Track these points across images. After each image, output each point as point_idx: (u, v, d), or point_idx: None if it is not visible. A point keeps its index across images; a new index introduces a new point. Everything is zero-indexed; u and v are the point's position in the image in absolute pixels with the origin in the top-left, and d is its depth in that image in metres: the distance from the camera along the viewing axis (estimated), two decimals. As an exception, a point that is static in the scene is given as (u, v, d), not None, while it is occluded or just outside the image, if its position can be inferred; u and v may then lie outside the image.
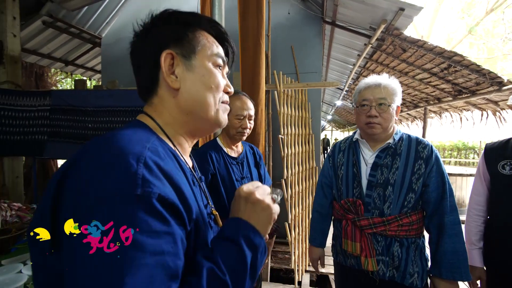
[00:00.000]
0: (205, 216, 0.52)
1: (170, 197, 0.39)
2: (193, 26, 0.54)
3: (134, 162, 0.37)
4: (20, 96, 3.07)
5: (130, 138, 0.41)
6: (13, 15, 3.12)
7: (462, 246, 1.08)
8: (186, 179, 0.49)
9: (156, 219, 0.36)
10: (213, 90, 0.53)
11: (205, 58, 0.53)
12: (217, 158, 1.30)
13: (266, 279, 2.67)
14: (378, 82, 1.18)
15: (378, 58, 3.71)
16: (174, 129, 0.54)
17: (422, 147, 1.15)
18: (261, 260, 0.49)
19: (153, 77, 0.52)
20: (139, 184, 0.36)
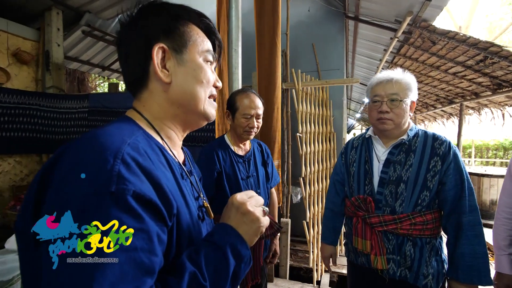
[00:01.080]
0: (193, 209, 0.53)
1: (147, 194, 0.39)
2: (183, 19, 0.53)
3: (111, 158, 0.37)
4: (63, 100, 3.40)
5: (111, 134, 0.41)
6: (57, 27, 3.47)
7: (483, 248, 1.02)
8: (173, 173, 0.50)
9: (130, 216, 0.36)
10: (204, 84, 0.54)
11: (196, 53, 0.53)
12: (223, 156, 1.31)
13: (284, 276, 2.68)
14: (390, 77, 1.15)
15: (406, 52, 3.52)
16: (164, 123, 0.54)
17: (439, 143, 1.10)
18: (244, 270, 0.50)
19: (143, 70, 0.51)
20: (114, 181, 0.36)
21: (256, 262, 1.33)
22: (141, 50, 0.50)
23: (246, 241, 0.50)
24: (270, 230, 1.35)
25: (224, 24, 1.93)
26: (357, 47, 4.15)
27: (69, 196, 0.35)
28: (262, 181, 1.41)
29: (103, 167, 0.36)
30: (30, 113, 3.20)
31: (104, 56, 4.89)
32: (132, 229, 0.36)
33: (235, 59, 1.95)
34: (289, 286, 2.54)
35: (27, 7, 3.35)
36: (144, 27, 0.51)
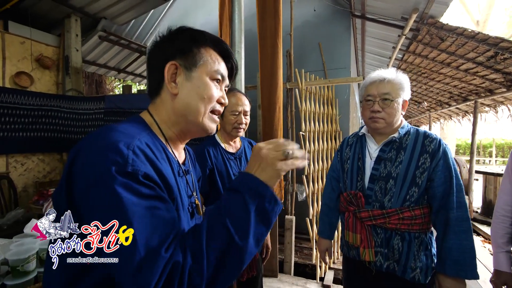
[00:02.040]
0: (185, 203, 0.61)
1: (153, 177, 0.49)
2: (199, 43, 0.62)
3: (125, 148, 0.47)
4: (81, 101, 3.61)
5: (123, 130, 0.51)
6: (76, 33, 3.69)
7: (470, 243, 1.04)
8: (172, 170, 0.58)
9: (145, 187, 0.47)
10: (205, 100, 0.61)
11: (204, 72, 0.61)
12: (214, 154, 1.36)
13: (289, 272, 2.74)
14: (382, 77, 1.18)
15: (415, 49, 3.46)
16: (168, 127, 0.63)
17: (429, 141, 1.13)
18: (271, 208, 0.52)
19: (159, 81, 0.61)
20: (130, 164, 0.46)
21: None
22: (160, 65, 0.61)
23: (264, 181, 0.53)
24: None
25: (226, 28, 2.01)
26: (366, 45, 4.12)
27: (98, 175, 0.45)
28: None
29: (122, 153, 0.46)
30: (51, 114, 3.43)
31: (119, 59, 5.11)
32: (150, 196, 0.47)
33: (238, 61, 2.02)
34: (293, 282, 2.59)
35: (49, 15, 3.59)
36: (166, 47, 0.62)
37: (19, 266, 0.98)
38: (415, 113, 8.03)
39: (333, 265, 2.81)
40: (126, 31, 4.52)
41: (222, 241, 0.47)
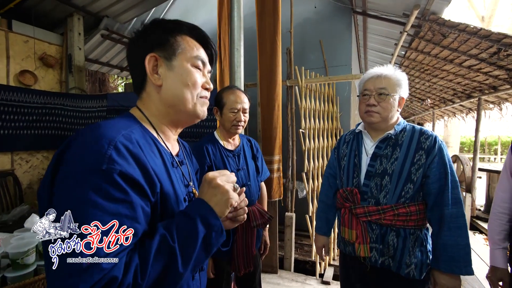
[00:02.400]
0: (179, 193, 0.61)
1: (131, 173, 0.48)
2: (174, 32, 0.62)
3: (106, 144, 0.47)
4: (84, 99, 3.64)
5: (111, 126, 0.51)
6: (78, 31, 3.73)
7: (465, 239, 1.05)
8: (163, 161, 0.59)
9: (116, 189, 0.46)
10: (190, 87, 0.62)
11: (185, 60, 0.62)
12: (213, 151, 1.37)
13: (289, 269, 2.76)
14: (379, 72, 1.19)
15: (417, 46, 3.43)
16: (158, 120, 0.63)
17: (425, 137, 1.13)
18: (216, 238, 0.55)
19: (142, 76, 0.62)
20: (105, 162, 0.45)
21: (249, 251, 1.40)
22: (140, 60, 0.61)
23: (216, 212, 0.55)
24: (261, 219, 1.43)
25: (225, 26, 2.02)
26: (368, 42, 4.09)
27: (73, 170, 0.46)
28: (252, 174, 1.48)
29: (99, 151, 0.46)
30: (55, 112, 3.47)
31: (122, 57, 5.14)
32: (118, 199, 0.46)
33: (237, 58, 2.03)
34: (293, 278, 2.61)
35: (52, 14, 3.62)
36: (143, 41, 0.62)
37: (19, 259, 1.01)
38: (419, 111, 7.96)
39: (333, 261, 2.82)
40: (128, 29, 4.54)
41: (166, 265, 0.48)
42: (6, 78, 3.19)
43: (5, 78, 3.19)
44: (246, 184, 1.42)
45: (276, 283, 2.53)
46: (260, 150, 1.62)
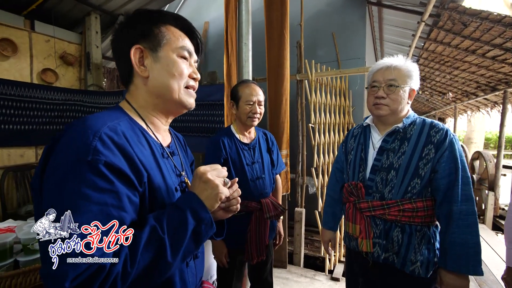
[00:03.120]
0: (169, 182, 0.62)
1: (116, 164, 0.49)
2: (158, 22, 0.62)
3: (91, 136, 0.48)
4: (101, 96, 3.78)
5: (97, 118, 0.52)
6: (96, 30, 3.86)
7: (475, 238, 1.00)
8: (152, 152, 0.60)
9: (102, 179, 0.47)
10: (177, 77, 0.62)
11: (170, 50, 0.62)
12: (229, 144, 1.40)
13: (298, 264, 2.75)
14: (389, 63, 1.15)
15: (436, 36, 3.26)
16: (147, 111, 0.64)
17: (435, 131, 1.08)
18: (206, 231, 0.55)
19: (129, 69, 0.62)
20: (91, 153, 0.47)
21: (262, 241, 1.44)
22: (126, 52, 0.61)
23: (206, 205, 0.56)
24: (274, 211, 1.45)
25: (232, 20, 2.01)
26: (384, 34, 3.95)
27: (60, 161, 0.48)
28: (267, 167, 1.50)
29: (85, 142, 0.48)
30: (75, 108, 3.63)
31: (137, 54, 5.27)
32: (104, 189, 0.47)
33: (245, 53, 2.03)
34: (302, 273, 2.61)
35: (71, 14, 3.77)
36: (127, 33, 0.62)
37: (29, 244, 1.06)
38: (440, 105, 7.60)
39: (343, 258, 2.78)
40: (143, 27, 4.64)
41: (155, 255, 0.49)
42: (30, 76, 3.37)
43: (29, 76, 3.36)
44: (260, 177, 1.46)
45: (285, 278, 2.54)
46: (276, 144, 1.64)
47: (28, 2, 3.31)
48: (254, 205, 1.42)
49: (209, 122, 2.49)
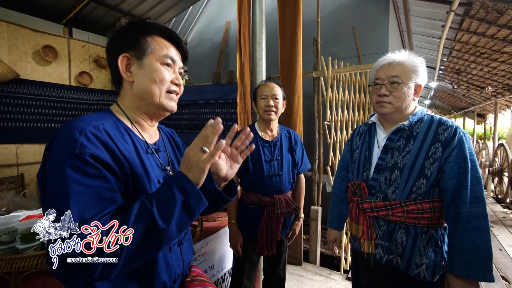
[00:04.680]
0: (152, 175, 0.68)
1: (100, 156, 0.56)
2: (145, 33, 0.69)
3: (77, 134, 0.56)
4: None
5: (84, 119, 0.60)
6: (125, 34, 4.12)
7: (485, 242, 0.94)
8: (135, 148, 0.67)
9: (90, 167, 0.55)
10: (158, 83, 0.68)
11: (154, 58, 0.68)
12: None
13: (314, 262, 2.74)
14: (392, 59, 1.12)
15: (469, 26, 3.01)
16: (133, 112, 0.72)
17: (443, 129, 1.03)
18: (195, 203, 0.58)
19: (118, 74, 0.69)
20: (78, 147, 0.54)
21: (273, 236, 1.49)
22: (115, 60, 0.69)
23: (192, 180, 0.59)
24: (286, 208, 1.49)
25: (245, 20, 2.05)
26: (411, 26, 3.74)
27: (55, 156, 0.56)
28: (286, 165, 1.54)
29: (73, 139, 0.56)
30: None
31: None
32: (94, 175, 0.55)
33: (258, 52, 2.06)
34: (317, 272, 2.59)
35: (103, 20, 4.06)
36: (117, 43, 0.70)
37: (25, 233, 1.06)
38: (479, 100, 6.97)
39: (361, 259, 2.72)
40: (168, 29, 4.85)
41: (147, 225, 0.54)
42: (68, 79, 3.70)
43: (68, 79, 3.69)
44: (278, 174, 1.50)
45: (299, 275, 2.54)
46: (301, 143, 1.66)
47: (67, 11, 3.64)
48: (267, 200, 1.48)
49: (227, 120, 2.57)
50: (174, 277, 0.74)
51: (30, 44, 3.24)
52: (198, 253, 1.57)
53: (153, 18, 4.37)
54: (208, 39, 4.94)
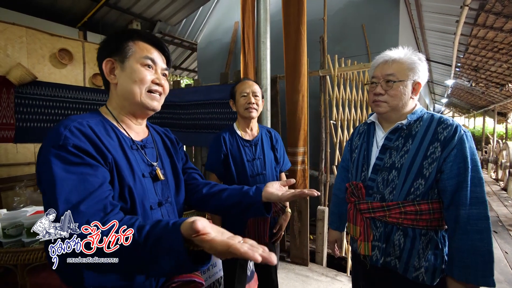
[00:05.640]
0: (136, 169, 0.72)
1: (83, 146, 0.61)
2: (126, 38, 0.74)
3: (62, 128, 0.62)
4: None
5: (72, 117, 0.66)
6: (137, 36, 4.24)
7: (486, 245, 0.91)
8: (120, 143, 0.71)
9: (74, 156, 0.60)
10: (138, 82, 0.73)
11: (134, 61, 0.73)
12: (230, 140, 1.46)
13: (321, 263, 2.72)
14: (388, 57, 1.10)
15: (485, 21, 2.88)
16: (118, 112, 0.77)
17: (443, 127, 1.00)
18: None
19: (105, 78, 0.76)
20: (62, 139, 0.60)
21: (260, 237, 1.46)
22: (102, 64, 0.75)
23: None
24: (273, 208, 1.47)
25: (248, 20, 2.06)
26: (424, 22, 3.62)
27: (44, 149, 0.62)
28: (268, 164, 1.52)
29: (58, 133, 0.62)
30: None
31: (174, 57, 5.63)
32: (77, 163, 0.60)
33: (263, 51, 2.07)
34: (323, 273, 2.57)
35: (116, 23, 4.19)
36: (104, 49, 0.76)
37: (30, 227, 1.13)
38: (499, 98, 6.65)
39: (368, 261, 2.66)
40: (179, 31, 4.94)
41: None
42: (83, 81, 3.85)
43: (82, 81, 3.84)
44: (261, 173, 1.48)
45: (305, 276, 2.53)
46: (281, 142, 1.65)
47: (81, 15, 3.78)
48: None
49: (222, 119, 2.59)
50: None
51: (47, 48, 3.39)
52: (199, 251, 1.58)
53: (164, 19, 4.47)
54: (217, 40, 4.99)
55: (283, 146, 1.63)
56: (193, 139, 3.29)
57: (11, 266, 0.96)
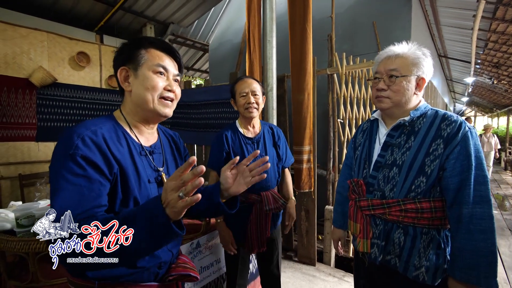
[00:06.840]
0: (143, 174, 0.75)
1: (91, 157, 0.63)
2: (139, 47, 0.77)
3: (76, 137, 0.64)
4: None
5: (84, 124, 0.68)
6: (150, 39, 4.36)
7: (489, 246, 0.88)
8: (129, 150, 0.74)
9: (78, 167, 0.62)
10: (150, 90, 0.75)
11: (147, 68, 0.75)
12: (232, 138, 1.47)
13: (328, 263, 2.69)
14: (391, 52, 1.08)
15: (503, 15, 2.75)
16: (132, 117, 0.79)
17: (446, 124, 0.98)
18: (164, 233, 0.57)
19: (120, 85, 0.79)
20: (73, 149, 0.62)
21: (262, 232, 1.48)
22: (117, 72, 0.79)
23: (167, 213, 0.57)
24: (274, 204, 1.48)
25: (254, 19, 2.07)
26: (439, 18, 3.50)
27: (55, 154, 0.66)
28: (271, 161, 1.52)
29: (71, 141, 0.64)
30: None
31: (186, 58, 5.75)
32: (79, 174, 0.63)
33: (269, 50, 2.08)
34: (331, 273, 2.54)
35: (131, 26, 4.34)
36: (118, 57, 0.79)
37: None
38: (524, 96, 6.31)
39: (377, 262, 2.61)
40: (191, 32, 5.04)
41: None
42: (99, 82, 4.00)
43: (99, 82, 4.00)
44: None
45: (312, 275, 2.51)
46: (284, 138, 1.65)
47: (98, 19, 3.94)
48: (254, 197, 1.46)
49: (227, 118, 2.62)
50: (161, 263, 0.80)
51: (66, 51, 3.56)
52: (204, 246, 1.62)
53: (176, 22, 4.57)
54: (228, 41, 5.04)
55: (285, 142, 1.63)
56: (204, 138, 3.35)
57: (24, 254, 1.03)
